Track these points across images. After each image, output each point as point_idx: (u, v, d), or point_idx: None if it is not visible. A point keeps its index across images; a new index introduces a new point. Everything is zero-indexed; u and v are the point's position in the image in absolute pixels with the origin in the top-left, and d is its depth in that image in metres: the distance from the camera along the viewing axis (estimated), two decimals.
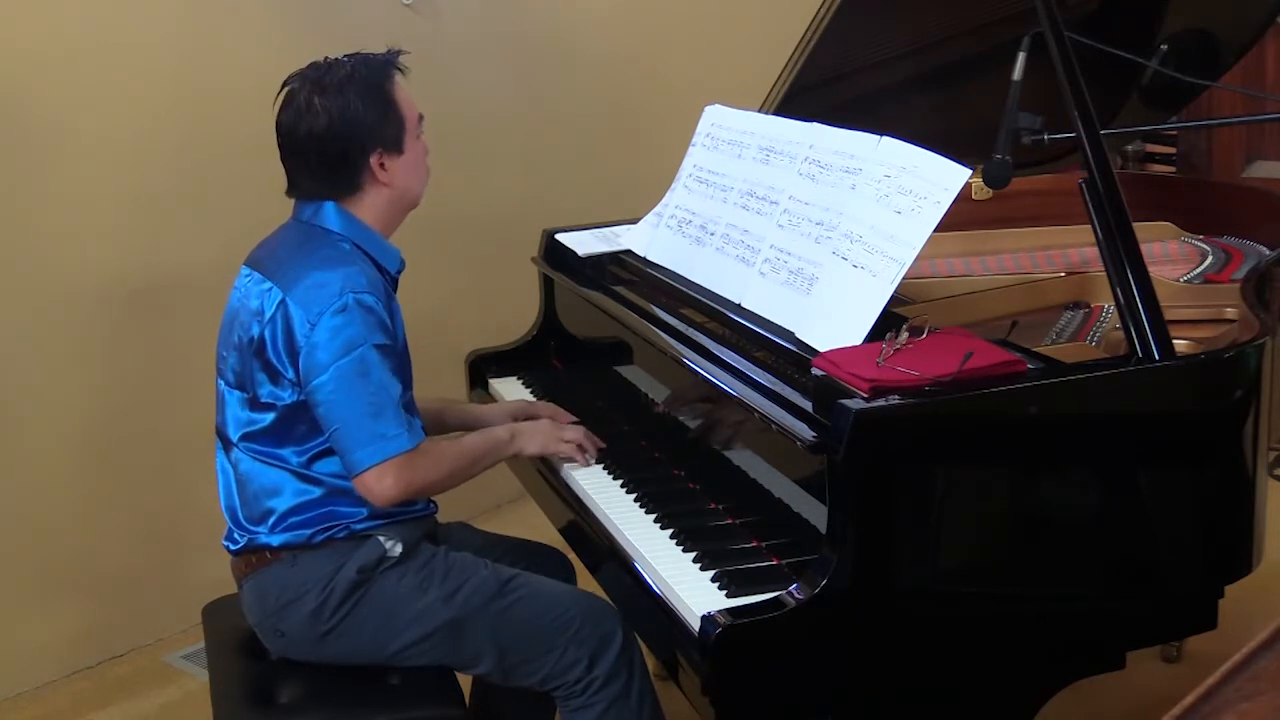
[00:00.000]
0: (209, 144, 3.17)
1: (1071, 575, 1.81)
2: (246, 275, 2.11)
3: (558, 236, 2.75)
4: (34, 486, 3.03)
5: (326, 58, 2.11)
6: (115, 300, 3.09)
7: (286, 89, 2.10)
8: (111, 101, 3.02)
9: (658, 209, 2.52)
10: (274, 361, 2.00)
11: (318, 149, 2.06)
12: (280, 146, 2.10)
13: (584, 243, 2.67)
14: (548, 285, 2.82)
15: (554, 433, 2.25)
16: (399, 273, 2.16)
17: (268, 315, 2.01)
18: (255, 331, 2.02)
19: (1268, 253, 2.43)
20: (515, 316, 2.90)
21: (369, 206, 2.11)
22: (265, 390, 2.02)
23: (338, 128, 2.04)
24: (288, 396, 2.01)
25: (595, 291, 2.52)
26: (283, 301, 2.00)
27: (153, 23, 3.07)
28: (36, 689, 3.07)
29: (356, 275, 2.01)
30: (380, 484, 1.98)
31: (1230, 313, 2.17)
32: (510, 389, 2.68)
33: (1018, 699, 1.85)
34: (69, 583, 3.11)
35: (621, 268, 2.55)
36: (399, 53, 2.14)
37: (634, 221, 2.62)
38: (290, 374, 2.00)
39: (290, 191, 2.14)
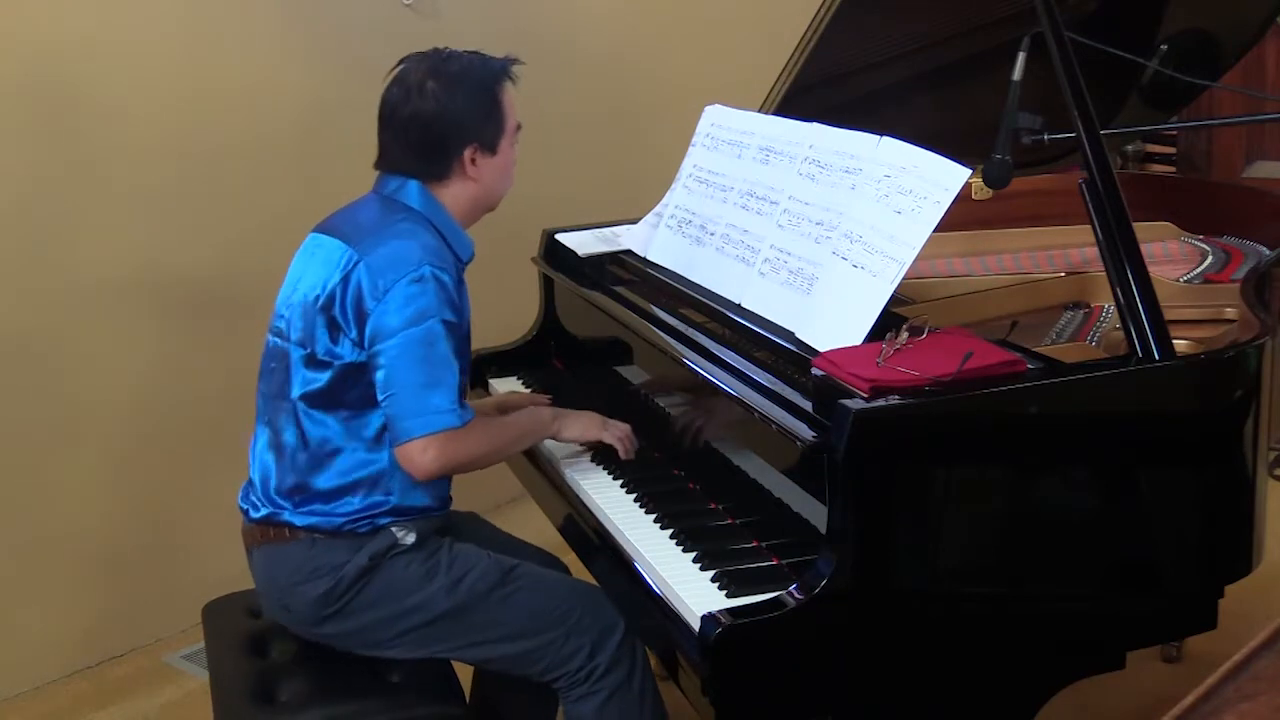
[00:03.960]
0: (211, 144, 3.17)
1: (1071, 575, 1.81)
2: (317, 241, 2.13)
3: (558, 236, 2.75)
4: (34, 486, 3.03)
5: (448, 48, 2.16)
6: (118, 300, 3.09)
7: (401, 65, 2.14)
8: (129, 101, 3.02)
9: (658, 209, 2.52)
10: (339, 318, 2.02)
11: (419, 130, 2.10)
12: (381, 118, 2.14)
13: (584, 243, 2.67)
14: (548, 285, 2.82)
15: (598, 422, 2.24)
16: (468, 261, 2.18)
17: (340, 274, 2.02)
18: (324, 289, 2.03)
19: (1268, 253, 2.43)
20: (515, 316, 2.90)
21: (451, 196, 2.14)
22: (322, 347, 2.03)
23: (443, 114, 2.09)
24: (347, 354, 2.02)
25: (595, 291, 2.52)
26: (359, 264, 2.02)
27: (153, 23, 3.06)
28: (36, 689, 3.07)
29: (435, 250, 2.04)
30: (424, 456, 1.99)
31: (1230, 313, 2.17)
32: (510, 389, 2.68)
33: (1018, 699, 1.85)
34: (69, 583, 3.11)
35: (621, 268, 2.55)
36: (515, 61, 2.19)
37: (634, 221, 2.62)
38: (353, 334, 2.01)
39: (379, 163, 2.17)
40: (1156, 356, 1.79)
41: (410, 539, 2.07)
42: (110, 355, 3.11)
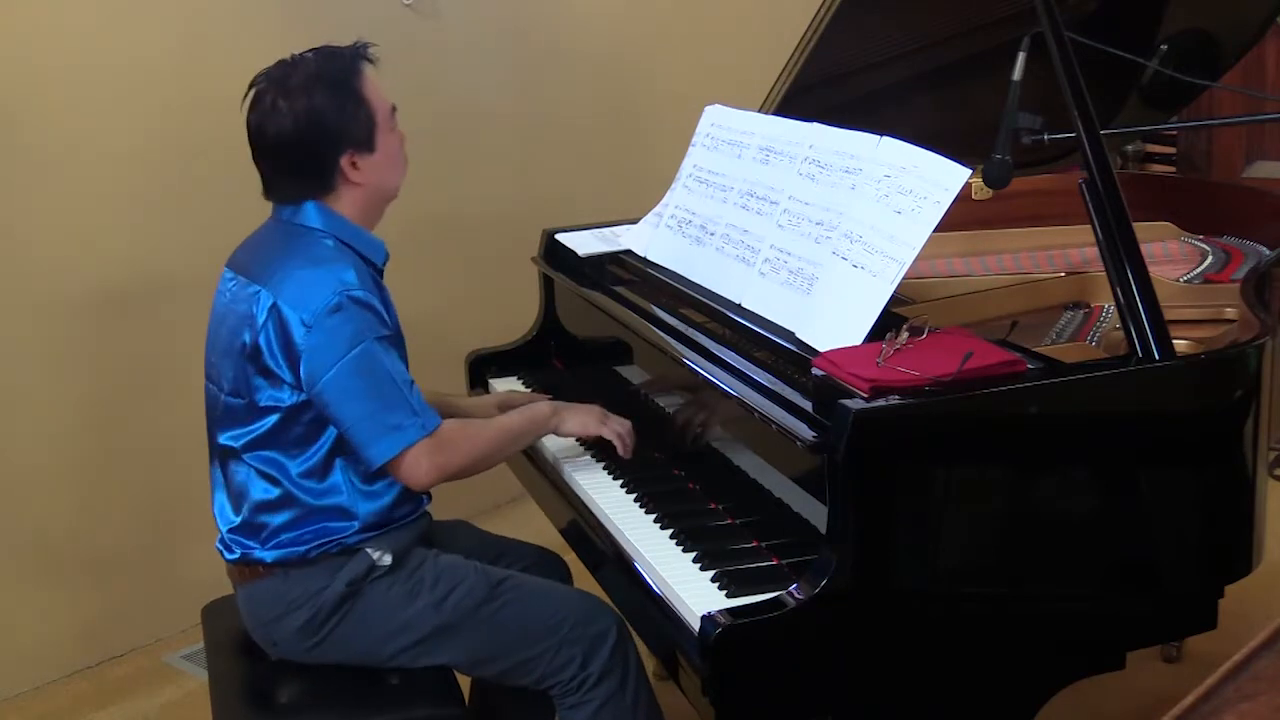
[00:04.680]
0: (202, 147, 3.17)
1: (1071, 575, 1.81)
2: (231, 279, 2.09)
3: (558, 236, 2.75)
4: (34, 486, 3.03)
5: (292, 54, 2.07)
6: (110, 301, 3.09)
7: (253, 90, 2.05)
8: (105, 103, 3.02)
9: (658, 209, 2.52)
10: (271, 366, 1.98)
11: (287, 151, 2.02)
12: (251, 147, 2.06)
13: (584, 243, 2.67)
14: (548, 285, 2.82)
15: (598, 416, 2.22)
16: (384, 263, 2.14)
17: (260, 321, 1.98)
18: (248, 338, 1.99)
19: (1268, 253, 2.43)
20: (515, 316, 2.90)
21: (346, 203, 2.07)
22: (264, 395, 2.01)
23: (304, 130, 2.00)
24: (288, 398, 2.00)
25: (595, 291, 2.52)
26: (274, 305, 1.97)
27: (150, 24, 3.07)
28: (36, 689, 3.07)
29: (344, 271, 1.99)
30: (417, 470, 1.98)
31: (1230, 313, 2.17)
32: (510, 389, 2.68)
33: (1018, 699, 1.84)
34: (69, 583, 3.11)
35: (621, 268, 2.55)
36: (366, 45, 2.09)
37: (634, 221, 2.62)
38: (289, 377, 1.98)
39: (267, 194, 2.11)
40: (1156, 356, 1.79)
41: (387, 559, 2.05)
42: (110, 354, 3.11)
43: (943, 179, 1.85)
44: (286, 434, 2.02)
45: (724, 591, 1.80)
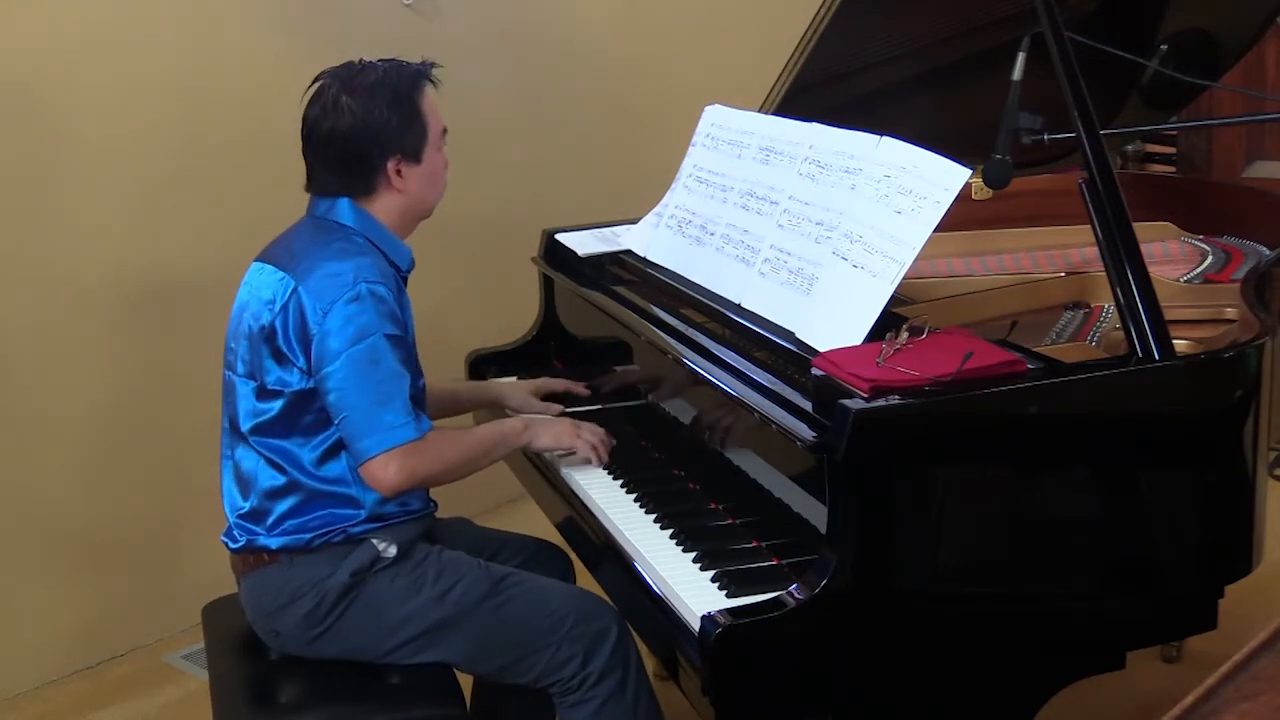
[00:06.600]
0: (211, 143, 3.17)
1: (1071, 575, 1.81)
2: (258, 270, 2.12)
3: (558, 236, 2.75)
4: (35, 486, 3.03)
5: (361, 59, 2.14)
6: (117, 299, 3.09)
7: (318, 83, 2.12)
8: (115, 101, 3.02)
9: (658, 209, 2.52)
10: (284, 348, 2.02)
11: (338, 146, 2.08)
12: (303, 139, 2.13)
13: (584, 243, 2.67)
14: (548, 285, 2.82)
15: (570, 428, 2.25)
16: (409, 270, 2.18)
17: (279, 303, 2.02)
18: (266, 319, 2.03)
19: (1268, 253, 2.43)
20: (515, 316, 2.90)
21: (381, 208, 2.13)
22: (273, 377, 2.03)
23: (360, 128, 2.07)
24: (295, 382, 2.02)
25: (595, 291, 2.52)
26: (295, 290, 2.01)
27: (154, 22, 3.07)
28: (36, 689, 3.07)
29: (369, 266, 2.03)
30: (385, 472, 1.99)
31: (1230, 313, 2.17)
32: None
33: (1017, 699, 1.84)
34: (69, 582, 3.11)
35: (621, 268, 2.55)
36: (432, 65, 2.17)
37: (634, 221, 2.62)
38: (300, 361, 2.01)
39: (308, 186, 2.16)
40: (1156, 356, 1.79)
41: (392, 551, 2.07)
42: (112, 354, 3.11)
43: (943, 179, 1.85)
44: (297, 421, 2.04)
45: (724, 591, 1.80)
